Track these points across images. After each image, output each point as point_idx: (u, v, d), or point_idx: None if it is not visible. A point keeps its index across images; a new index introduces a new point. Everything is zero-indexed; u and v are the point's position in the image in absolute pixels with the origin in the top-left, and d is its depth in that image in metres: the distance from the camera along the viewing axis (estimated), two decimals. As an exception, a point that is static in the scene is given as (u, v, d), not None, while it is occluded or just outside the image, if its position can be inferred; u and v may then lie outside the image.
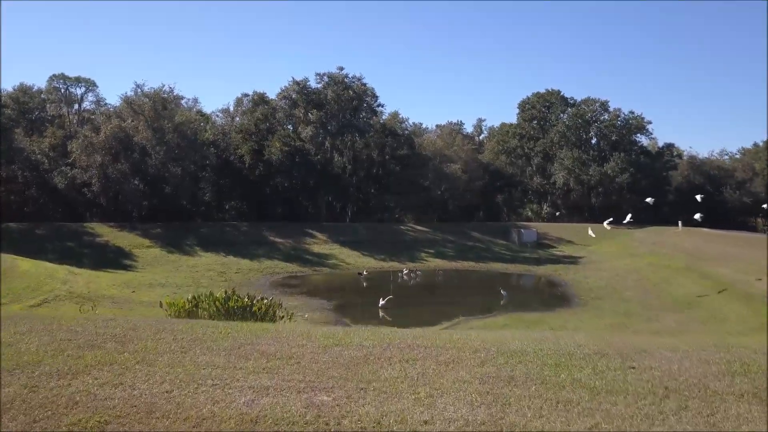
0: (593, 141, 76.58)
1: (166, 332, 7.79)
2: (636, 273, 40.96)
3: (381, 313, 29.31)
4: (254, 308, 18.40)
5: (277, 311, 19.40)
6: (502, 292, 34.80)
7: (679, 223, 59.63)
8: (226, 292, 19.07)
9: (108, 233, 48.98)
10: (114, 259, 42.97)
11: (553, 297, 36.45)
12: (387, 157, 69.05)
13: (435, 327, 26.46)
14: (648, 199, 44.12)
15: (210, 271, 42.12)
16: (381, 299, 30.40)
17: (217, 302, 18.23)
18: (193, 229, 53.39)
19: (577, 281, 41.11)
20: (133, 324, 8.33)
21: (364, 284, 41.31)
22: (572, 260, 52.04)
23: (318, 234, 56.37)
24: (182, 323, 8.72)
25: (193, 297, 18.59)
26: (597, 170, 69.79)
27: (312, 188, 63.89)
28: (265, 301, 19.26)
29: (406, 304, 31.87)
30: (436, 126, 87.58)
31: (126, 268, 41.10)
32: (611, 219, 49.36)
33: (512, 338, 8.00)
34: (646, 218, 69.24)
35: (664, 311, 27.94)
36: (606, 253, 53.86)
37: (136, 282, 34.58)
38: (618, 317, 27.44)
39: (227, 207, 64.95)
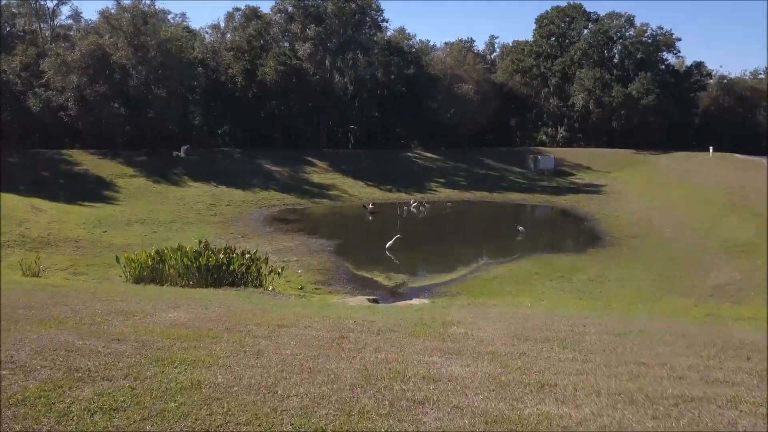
0: (616, 59, 70.41)
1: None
2: (671, 207, 36.84)
3: (388, 254, 25.67)
4: (233, 266, 14.62)
5: (263, 267, 15.63)
6: (519, 228, 31.21)
7: (710, 149, 55.01)
8: (200, 243, 15.36)
9: (88, 161, 44.76)
10: (93, 190, 38.84)
11: (581, 234, 32.61)
12: (392, 77, 63.52)
13: (452, 274, 22.86)
14: None
15: (199, 203, 38.27)
16: (389, 241, 26.58)
17: (186, 259, 14.46)
18: (181, 157, 49.04)
19: (604, 215, 37.16)
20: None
21: (370, 218, 37.57)
22: (595, 189, 48.05)
23: (318, 162, 52.10)
24: (62, 373, 4.75)
25: (157, 252, 14.85)
26: (620, 91, 64.11)
27: (311, 112, 58.76)
28: (248, 255, 15.45)
29: (416, 244, 28.26)
30: (445, 44, 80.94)
31: (105, 200, 37.12)
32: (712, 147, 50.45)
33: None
34: (670, 143, 64.52)
35: (718, 257, 24.03)
36: (631, 182, 49.68)
37: (112, 219, 30.69)
38: (664, 263, 23.60)
39: (219, 132, 60.17)
